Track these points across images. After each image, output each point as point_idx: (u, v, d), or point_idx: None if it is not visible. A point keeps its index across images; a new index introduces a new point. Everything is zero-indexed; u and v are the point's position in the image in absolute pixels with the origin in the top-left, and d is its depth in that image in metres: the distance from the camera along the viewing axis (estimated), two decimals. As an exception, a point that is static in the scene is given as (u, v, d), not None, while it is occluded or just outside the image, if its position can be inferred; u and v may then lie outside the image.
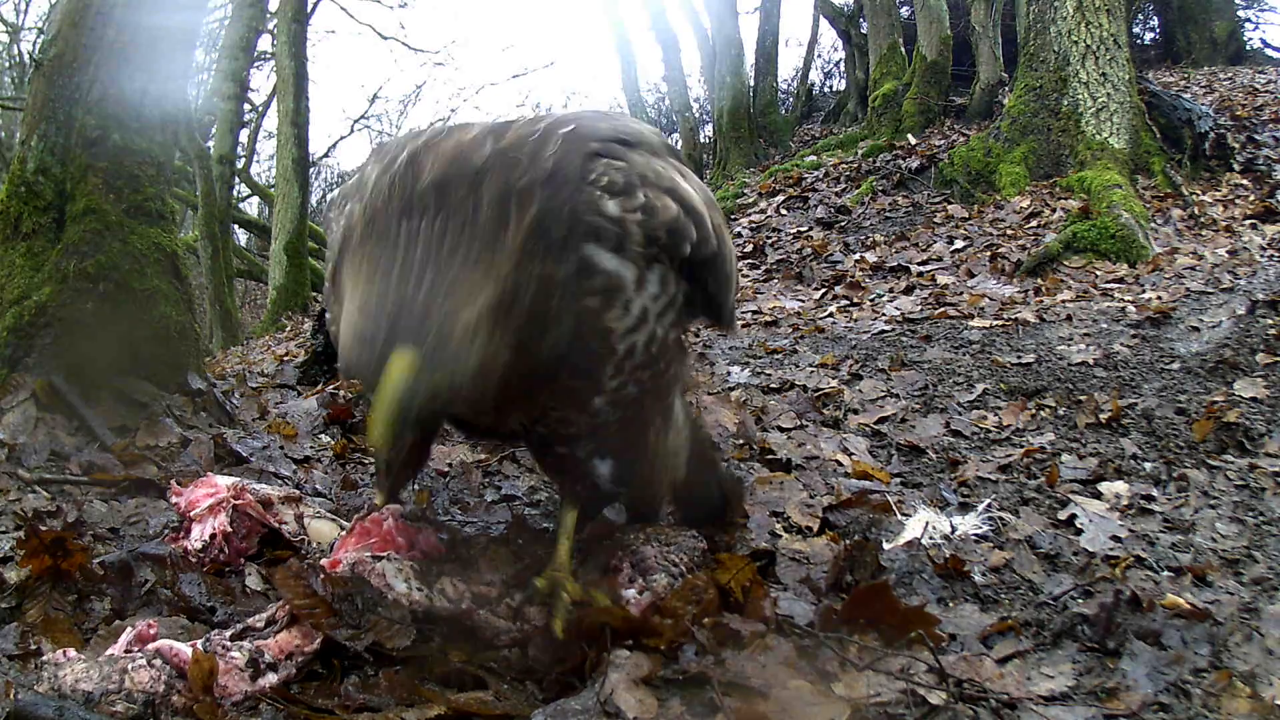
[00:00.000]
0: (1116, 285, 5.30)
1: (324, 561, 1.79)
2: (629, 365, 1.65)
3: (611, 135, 1.60)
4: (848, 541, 2.21)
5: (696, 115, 18.38)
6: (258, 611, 1.73)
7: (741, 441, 3.11)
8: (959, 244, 6.78)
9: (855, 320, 5.15)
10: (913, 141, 10.62)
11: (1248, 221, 6.54)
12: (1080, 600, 1.96)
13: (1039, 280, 5.59)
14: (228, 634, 1.61)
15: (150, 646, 1.52)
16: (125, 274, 2.93)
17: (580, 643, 1.61)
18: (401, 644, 1.61)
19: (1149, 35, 17.56)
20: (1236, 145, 7.85)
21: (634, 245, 1.55)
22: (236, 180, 16.01)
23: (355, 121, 24.02)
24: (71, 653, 1.53)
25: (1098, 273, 5.64)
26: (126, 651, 1.52)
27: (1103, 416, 3.20)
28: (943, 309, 5.07)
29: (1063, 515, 2.48)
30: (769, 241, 8.02)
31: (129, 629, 1.62)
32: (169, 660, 1.48)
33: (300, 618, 1.62)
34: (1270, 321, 3.69)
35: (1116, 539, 2.32)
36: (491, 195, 1.41)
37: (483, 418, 1.79)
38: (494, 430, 1.97)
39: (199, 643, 1.55)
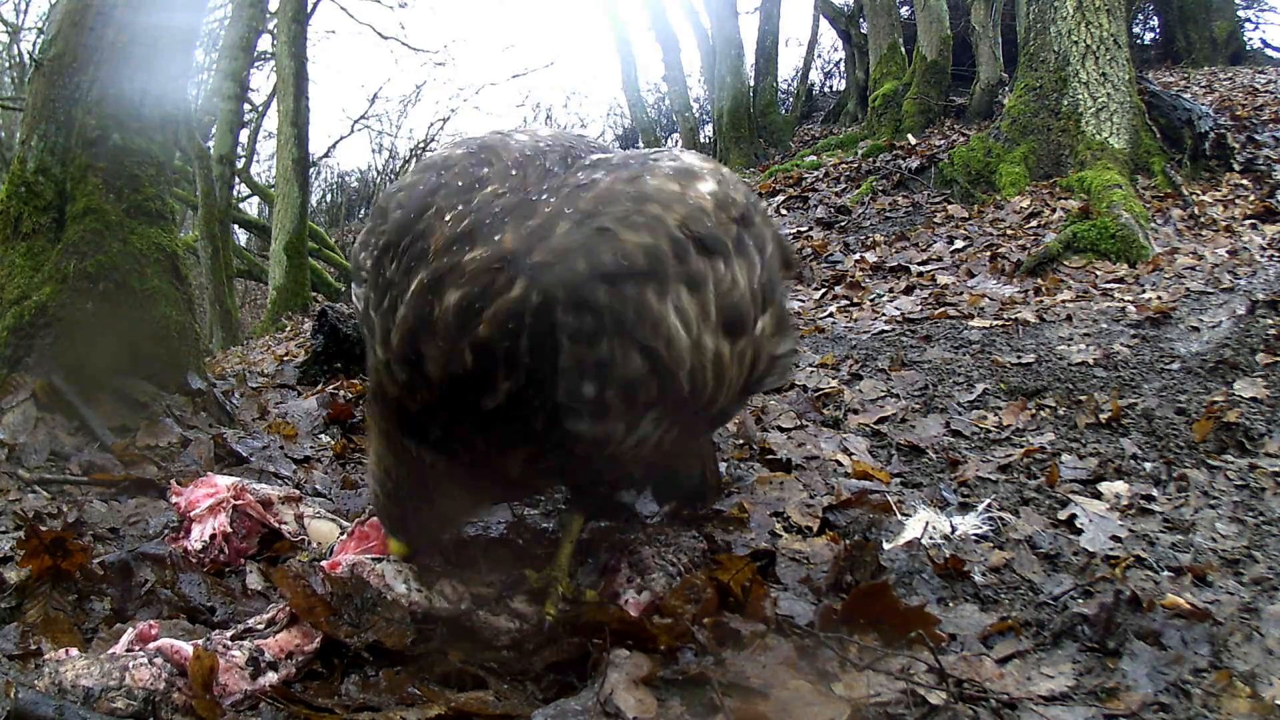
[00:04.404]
0: (1116, 285, 5.29)
1: (323, 563, 1.79)
2: (639, 454, 1.65)
3: (602, 270, 1.41)
4: (848, 541, 2.21)
5: (696, 115, 18.39)
6: (258, 612, 1.73)
7: (741, 441, 3.11)
8: (959, 244, 6.78)
9: (855, 320, 5.15)
10: (913, 141, 10.62)
11: (1248, 221, 6.54)
12: (1080, 600, 1.96)
13: (1039, 280, 5.59)
14: (228, 634, 1.61)
15: (151, 645, 1.52)
16: (125, 274, 2.93)
17: (575, 638, 1.61)
18: (401, 643, 1.61)
19: (1149, 35, 17.58)
20: (1236, 145, 7.84)
21: (615, 400, 1.47)
22: (236, 180, 16.01)
23: (355, 121, 24.04)
24: (73, 651, 1.54)
25: (1098, 273, 5.64)
26: (128, 650, 1.53)
27: (1103, 416, 3.20)
28: (943, 309, 5.07)
29: (1063, 515, 2.48)
30: (769, 241, 8.00)
31: (130, 629, 1.62)
32: (170, 658, 1.48)
33: (300, 617, 1.62)
34: (1270, 321, 3.69)
35: (1116, 539, 2.32)
36: None
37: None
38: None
39: (200, 641, 1.55)
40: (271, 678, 1.52)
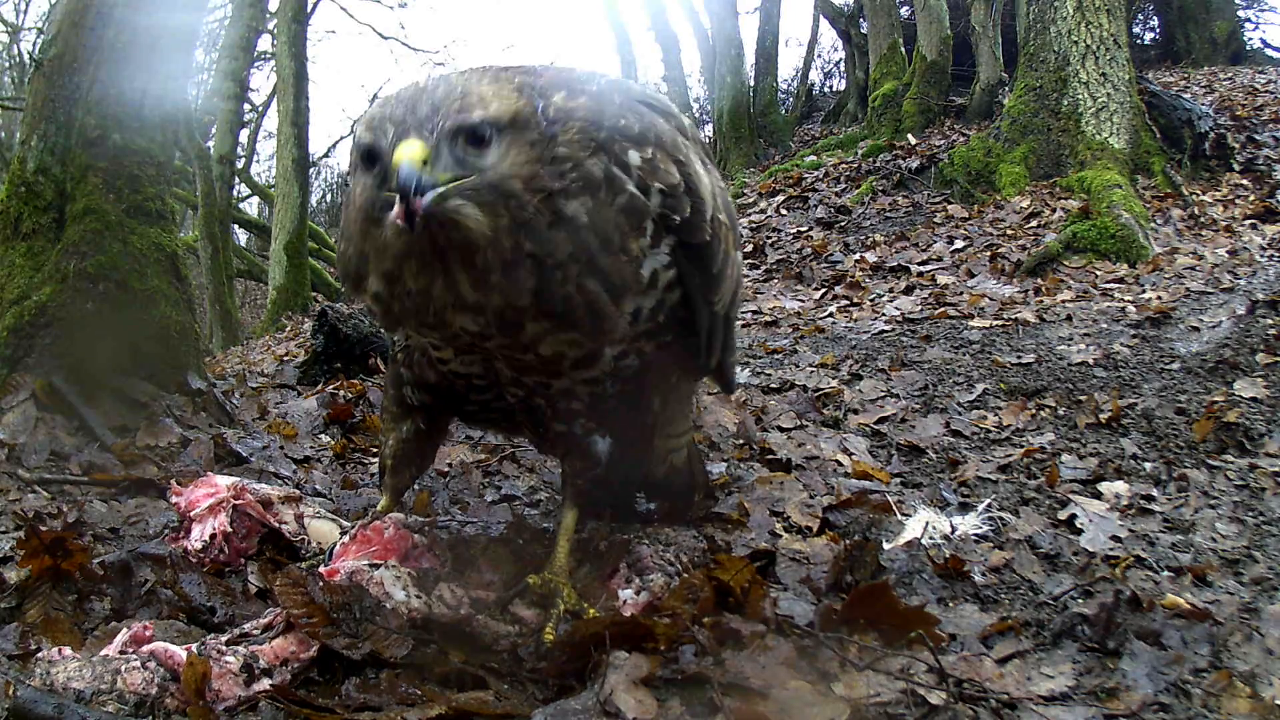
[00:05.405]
0: (1116, 285, 5.29)
1: (322, 569, 1.78)
2: (634, 331, 1.66)
3: (643, 97, 1.69)
4: (848, 541, 2.21)
5: (696, 115, 18.40)
6: (257, 615, 1.72)
7: (741, 441, 3.11)
8: (959, 244, 6.78)
9: (855, 320, 5.15)
10: (913, 141, 10.62)
11: (1248, 221, 6.54)
12: (1080, 600, 1.96)
13: (1039, 280, 5.59)
14: (224, 639, 1.60)
15: (145, 648, 1.50)
16: (125, 274, 2.93)
17: (571, 654, 1.60)
18: (399, 653, 1.60)
19: (1149, 35, 17.59)
20: (1236, 145, 7.85)
21: (652, 197, 1.59)
22: (236, 180, 16.04)
23: (355, 121, 24.03)
24: (67, 650, 1.52)
25: (1098, 273, 5.64)
26: (121, 652, 1.51)
27: (1103, 416, 3.20)
28: (943, 309, 5.07)
29: (1063, 515, 2.48)
30: (769, 241, 8.01)
31: (124, 629, 1.61)
32: (163, 662, 1.47)
33: (298, 627, 1.61)
34: (1270, 321, 3.69)
35: (1116, 539, 2.32)
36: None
37: (494, 340, 1.68)
38: (494, 387, 1.87)
39: (194, 646, 1.53)
40: (266, 684, 1.50)
